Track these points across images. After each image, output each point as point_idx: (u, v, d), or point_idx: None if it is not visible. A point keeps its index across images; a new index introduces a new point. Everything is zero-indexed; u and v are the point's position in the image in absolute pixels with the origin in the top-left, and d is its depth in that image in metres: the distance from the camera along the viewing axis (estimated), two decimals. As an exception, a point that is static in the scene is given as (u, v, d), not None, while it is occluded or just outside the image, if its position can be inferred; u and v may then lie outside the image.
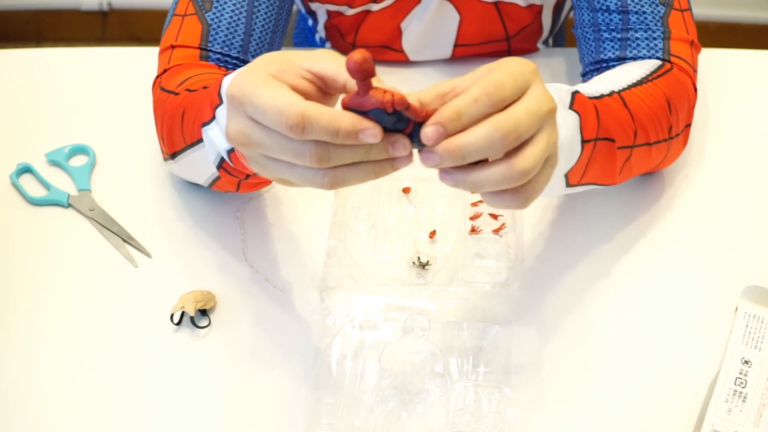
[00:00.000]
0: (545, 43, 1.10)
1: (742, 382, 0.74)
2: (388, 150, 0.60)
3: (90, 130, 0.98)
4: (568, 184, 0.74)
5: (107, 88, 1.03)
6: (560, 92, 0.70)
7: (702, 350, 0.78)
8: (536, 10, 1.01)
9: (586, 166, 0.73)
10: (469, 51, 1.04)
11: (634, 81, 0.81)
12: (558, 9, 1.05)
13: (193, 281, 0.83)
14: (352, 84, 0.60)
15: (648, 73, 0.83)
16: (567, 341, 0.79)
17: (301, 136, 0.57)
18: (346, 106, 0.59)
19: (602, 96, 0.77)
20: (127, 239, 0.87)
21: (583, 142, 0.71)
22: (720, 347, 0.78)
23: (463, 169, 0.59)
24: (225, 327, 0.80)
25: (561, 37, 1.21)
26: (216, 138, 0.70)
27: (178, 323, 0.80)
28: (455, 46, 1.03)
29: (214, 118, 0.70)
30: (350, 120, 0.57)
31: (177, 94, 0.80)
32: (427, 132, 0.58)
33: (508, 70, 0.59)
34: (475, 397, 0.74)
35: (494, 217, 0.87)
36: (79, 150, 0.96)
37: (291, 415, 0.74)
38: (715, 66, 1.03)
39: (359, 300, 0.80)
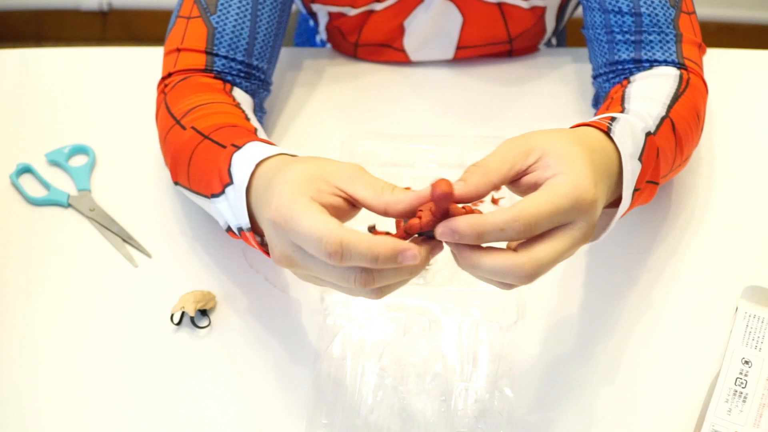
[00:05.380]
0: (548, 43, 1.09)
1: (742, 382, 0.74)
2: (430, 258, 0.61)
3: (90, 130, 0.98)
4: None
5: (107, 88, 1.03)
6: (636, 137, 0.70)
7: (702, 350, 0.78)
8: (539, 13, 1.01)
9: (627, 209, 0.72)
10: (470, 53, 1.04)
11: (673, 94, 0.81)
12: (561, 10, 1.04)
13: (193, 281, 0.83)
14: (394, 211, 0.61)
15: (677, 84, 0.83)
16: (567, 341, 0.79)
17: (341, 263, 0.58)
18: (420, 229, 0.59)
19: (659, 125, 0.76)
20: (127, 239, 0.87)
21: (634, 191, 0.71)
22: (720, 347, 0.78)
23: (467, 246, 0.59)
24: (225, 327, 0.80)
25: (562, 37, 1.20)
26: (226, 213, 0.72)
27: (178, 323, 0.80)
28: (457, 48, 1.03)
29: (223, 193, 0.71)
30: (388, 245, 0.58)
31: (184, 128, 0.80)
32: (440, 233, 0.59)
33: (557, 205, 0.58)
34: (475, 397, 0.74)
35: (494, 217, 0.87)
36: (79, 150, 0.96)
37: (291, 415, 0.74)
38: (715, 66, 1.03)
39: (359, 300, 0.80)
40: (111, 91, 1.03)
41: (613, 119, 0.71)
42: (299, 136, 0.98)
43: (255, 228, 0.70)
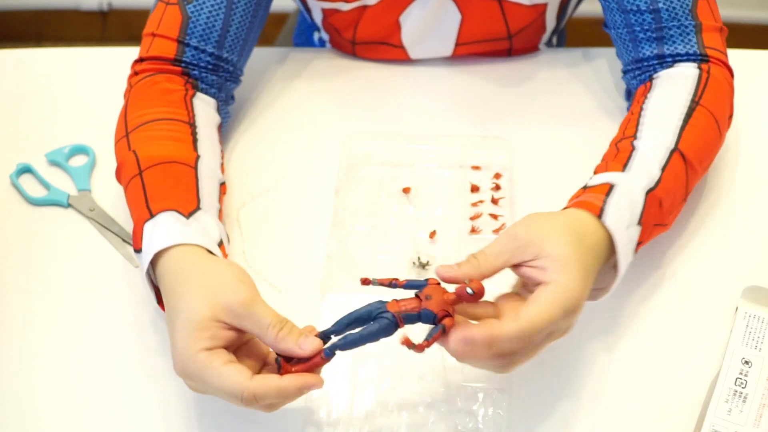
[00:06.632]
0: (548, 42, 1.09)
1: (742, 383, 0.74)
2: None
3: (90, 130, 0.98)
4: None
5: (107, 88, 1.03)
6: (634, 204, 0.74)
7: (702, 350, 0.78)
8: (541, 10, 1.01)
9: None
10: (469, 49, 1.04)
11: (686, 110, 0.83)
12: (563, 8, 1.04)
13: (193, 281, 0.83)
14: (278, 350, 0.67)
15: (693, 92, 0.85)
16: (566, 340, 0.79)
17: (255, 406, 0.65)
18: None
19: (667, 162, 0.79)
20: (127, 239, 0.87)
21: (637, 244, 0.75)
22: (720, 347, 0.78)
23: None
24: (225, 327, 0.80)
25: (562, 38, 1.20)
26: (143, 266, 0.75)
27: (178, 323, 0.80)
28: (456, 45, 1.03)
29: (138, 252, 0.75)
30: (296, 384, 0.65)
31: (129, 146, 0.82)
32: (454, 345, 0.65)
33: (553, 316, 0.65)
34: (475, 397, 0.74)
35: (494, 217, 0.87)
36: (79, 150, 0.96)
37: (291, 414, 0.74)
38: (715, 66, 1.03)
39: (360, 300, 0.80)
40: (111, 91, 1.02)
41: (611, 190, 0.74)
42: (298, 135, 0.98)
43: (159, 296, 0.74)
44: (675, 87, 0.86)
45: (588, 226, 0.72)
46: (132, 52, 0.92)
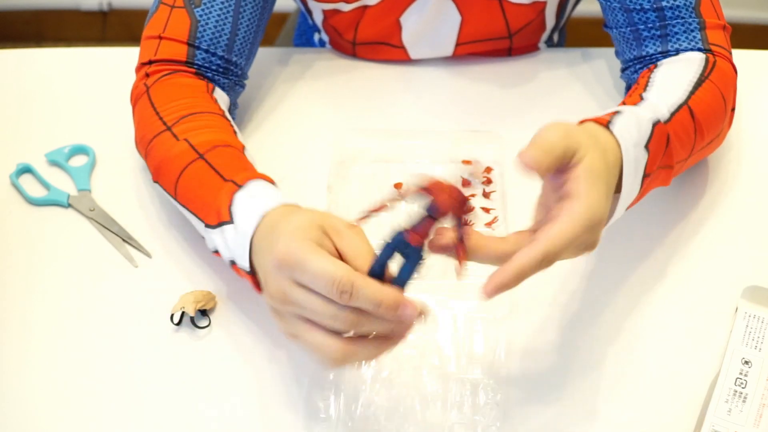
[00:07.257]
0: (549, 40, 1.09)
1: (742, 383, 0.74)
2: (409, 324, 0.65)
3: (90, 130, 0.98)
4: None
5: (107, 88, 1.03)
6: (641, 127, 0.73)
7: (702, 350, 0.78)
8: (540, 8, 1.01)
9: (639, 194, 0.75)
10: (470, 49, 1.04)
11: (696, 80, 0.84)
12: (562, 6, 1.04)
13: (193, 281, 0.83)
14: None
15: (701, 70, 0.85)
16: (565, 337, 0.79)
17: (347, 302, 0.62)
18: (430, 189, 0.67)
19: (676, 111, 0.79)
20: (127, 239, 0.87)
21: (644, 177, 0.74)
22: (720, 347, 0.78)
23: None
24: (225, 327, 0.80)
25: (562, 36, 1.20)
26: (218, 244, 0.76)
27: (178, 323, 0.80)
28: (457, 44, 1.03)
29: (218, 227, 0.74)
30: (393, 295, 0.62)
31: (176, 137, 0.81)
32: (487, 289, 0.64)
33: (576, 233, 0.64)
34: (471, 390, 0.75)
35: (486, 210, 0.88)
36: (79, 150, 0.96)
37: (290, 411, 0.74)
38: (715, 66, 1.03)
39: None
40: (111, 91, 1.03)
41: (618, 113, 0.74)
42: (299, 136, 0.98)
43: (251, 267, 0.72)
44: (682, 63, 0.87)
45: (603, 138, 0.70)
46: (132, 52, 0.93)
